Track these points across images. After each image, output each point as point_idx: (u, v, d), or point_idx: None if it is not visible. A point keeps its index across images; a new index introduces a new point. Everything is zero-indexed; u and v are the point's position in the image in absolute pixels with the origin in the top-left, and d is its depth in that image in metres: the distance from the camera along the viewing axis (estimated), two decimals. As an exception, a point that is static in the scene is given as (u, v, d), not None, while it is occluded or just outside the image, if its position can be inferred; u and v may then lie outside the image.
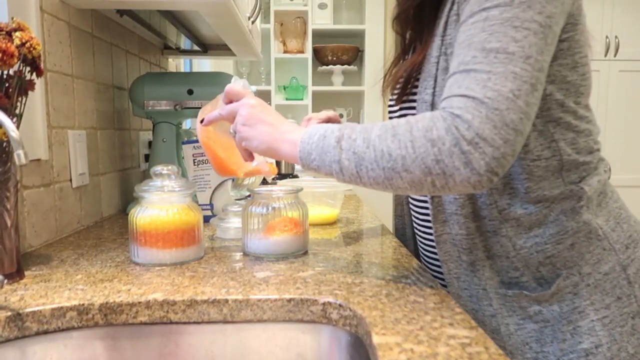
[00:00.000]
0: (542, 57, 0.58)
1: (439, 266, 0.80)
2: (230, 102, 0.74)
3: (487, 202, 0.69)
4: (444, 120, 0.57)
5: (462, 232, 0.71)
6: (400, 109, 0.78)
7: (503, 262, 0.70)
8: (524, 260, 0.69)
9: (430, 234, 0.79)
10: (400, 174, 0.58)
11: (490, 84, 0.56)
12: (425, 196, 0.78)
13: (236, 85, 0.78)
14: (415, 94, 0.74)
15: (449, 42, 0.68)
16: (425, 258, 0.84)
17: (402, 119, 0.61)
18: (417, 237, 0.85)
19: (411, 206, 0.85)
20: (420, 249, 0.85)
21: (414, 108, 0.74)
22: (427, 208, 0.79)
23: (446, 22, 0.69)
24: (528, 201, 0.68)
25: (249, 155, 0.73)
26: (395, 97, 0.79)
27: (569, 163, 0.69)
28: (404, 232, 0.94)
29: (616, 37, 3.28)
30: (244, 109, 0.70)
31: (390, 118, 0.83)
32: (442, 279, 0.79)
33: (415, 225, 0.85)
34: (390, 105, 0.84)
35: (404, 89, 0.76)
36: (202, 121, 0.78)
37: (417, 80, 0.73)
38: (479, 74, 0.57)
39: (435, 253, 0.79)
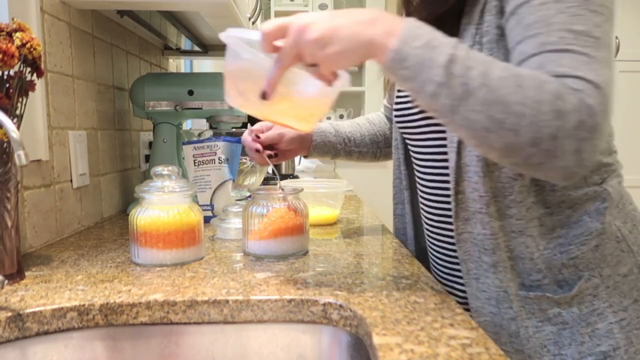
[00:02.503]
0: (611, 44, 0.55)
1: (450, 267, 0.78)
2: (272, 46, 0.58)
3: (517, 199, 0.67)
4: (573, 94, 0.51)
5: (485, 232, 0.69)
6: (421, 110, 0.75)
7: (526, 264, 0.68)
8: (547, 261, 0.68)
9: (443, 233, 0.78)
10: (505, 132, 0.51)
11: (595, 66, 0.51)
12: (444, 193, 0.76)
13: (242, 33, 0.64)
14: None
15: (486, 30, 0.64)
16: (435, 258, 0.82)
17: (528, 70, 0.53)
18: (428, 237, 0.83)
19: (422, 205, 0.83)
20: (430, 248, 0.84)
21: None
22: (442, 205, 0.77)
23: (482, 10, 0.64)
24: (552, 200, 0.67)
25: (335, 77, 0.62)
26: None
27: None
28: (405, 232, 0.93)
29: (616, 37, 3.28)
30: (308, 33, 0.55)
31: (401, 119, 0.81)
32: (453, 281, 0.78)
33: (426, 224, 0.83)
34: (399, 104, 0.82)
35: None
36: (264, 96, 0.60)
37: None
38: (577, 55, 0.52)
39: (448, 252, 0.78)
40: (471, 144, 0.57)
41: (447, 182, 0.76)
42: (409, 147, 0.85)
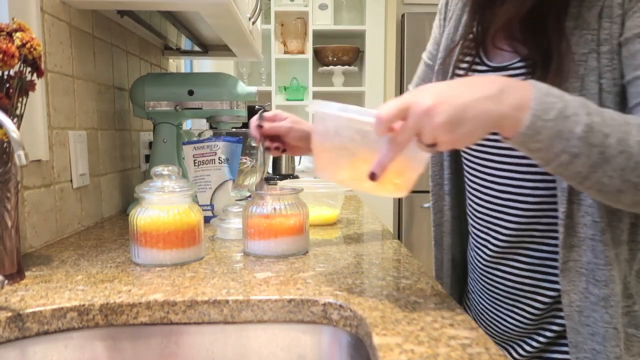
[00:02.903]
0: None
1: (499, 288, 0.75)
2: (389, 129, 0.53)
3: (628, 222, 0.62)
4: None
5: (598, 261, 0.62)
6: None
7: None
8: (638, 285, 0.64)
9: (499, 253, 0.73)
10: (638, 192, 0.52)
11: None
12: (538, 217, 0.69)
13: (339, 111, 0.57)
14: None
15: (604, 39, 0.59)
16: (486, 278, 0.77)
17: None
18: (477, 254, 0.78)
19: (481, 221, 0.77)
20: (479, 267, 0.78)
21: None
22: (519, 223, 0.70)
23: (600, 14, 0.59)
24: None
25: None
26: None
27: None
28: (442, 242, 0.86)
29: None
30: (435, 117, 0.50)
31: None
32: (497, 302, 0.75)
33: (480, 244, 0.77)
34: None
35: None
36: (372, 177, 0.54)
37: None
38: None
39: (497, 272, 0.74)
40: (597, 199, 0.55)
41: (524, 201, 0.70)
42: (466, 154, 0.78)
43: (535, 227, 0.69)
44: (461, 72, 0.75)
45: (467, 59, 0.74)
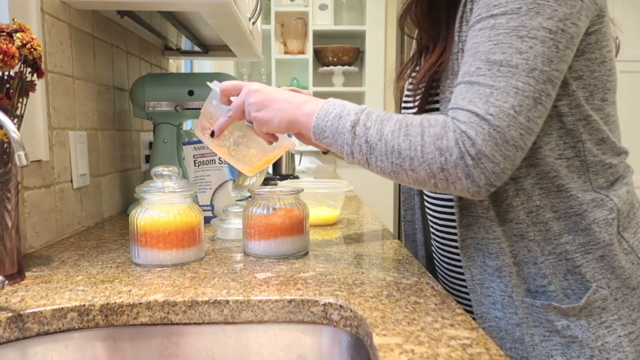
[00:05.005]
0: (550, 67, 0.57)
1: (456, 273, 0.78)
2: (228, 100, 0.74)
3: (513, 204, 0.67)
4: (453, 132, 0.59)
5: (488, 236, 0.69)
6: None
7: (530, 269, 0.68)
8: (552, 267, 0.67)
9: (449, 239, 0.78)
10: (407, 172, 0.61)
11: (492, 99, 0.57)
12: (449, 200, 0.76)
13: (216, 86, 0.78)
14: (437, 94, 0.71)
15: (464, 40, 0.66)
16: (442, 264, 0.81)
17: (417, 118, 0.62)
18: (434, 242, 0.83)
19: (428, 211, 0.82)
20: (436, 255, 0.83)
21: (437, 110, 0.71)
22: (447, 212, 0.77)
23: (461, 17, 0.67)
24: (559, 205, 0.66)
25: (272, 137, 0.75)
26: (417, 101, 0.75)
27: (595, 165, 0.67)
28: (414, 237, 0.92)
29: (617, 38, 3.28)
30: (251, 97, 0.70)
31: None
32: (460, 287, 0.78)
33: (432, 230, 0.82)
34: (406, 108, 0.81)
35: (426, 94, 0.73)
36: (212, 135, 0.77)
37: (436, 80, 0.71)
38: (482, 87, 0.58)
39: (452, 258, 0.78)
40: (393, 181, 0.65)
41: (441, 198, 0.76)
42: None
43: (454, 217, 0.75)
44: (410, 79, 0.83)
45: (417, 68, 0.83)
